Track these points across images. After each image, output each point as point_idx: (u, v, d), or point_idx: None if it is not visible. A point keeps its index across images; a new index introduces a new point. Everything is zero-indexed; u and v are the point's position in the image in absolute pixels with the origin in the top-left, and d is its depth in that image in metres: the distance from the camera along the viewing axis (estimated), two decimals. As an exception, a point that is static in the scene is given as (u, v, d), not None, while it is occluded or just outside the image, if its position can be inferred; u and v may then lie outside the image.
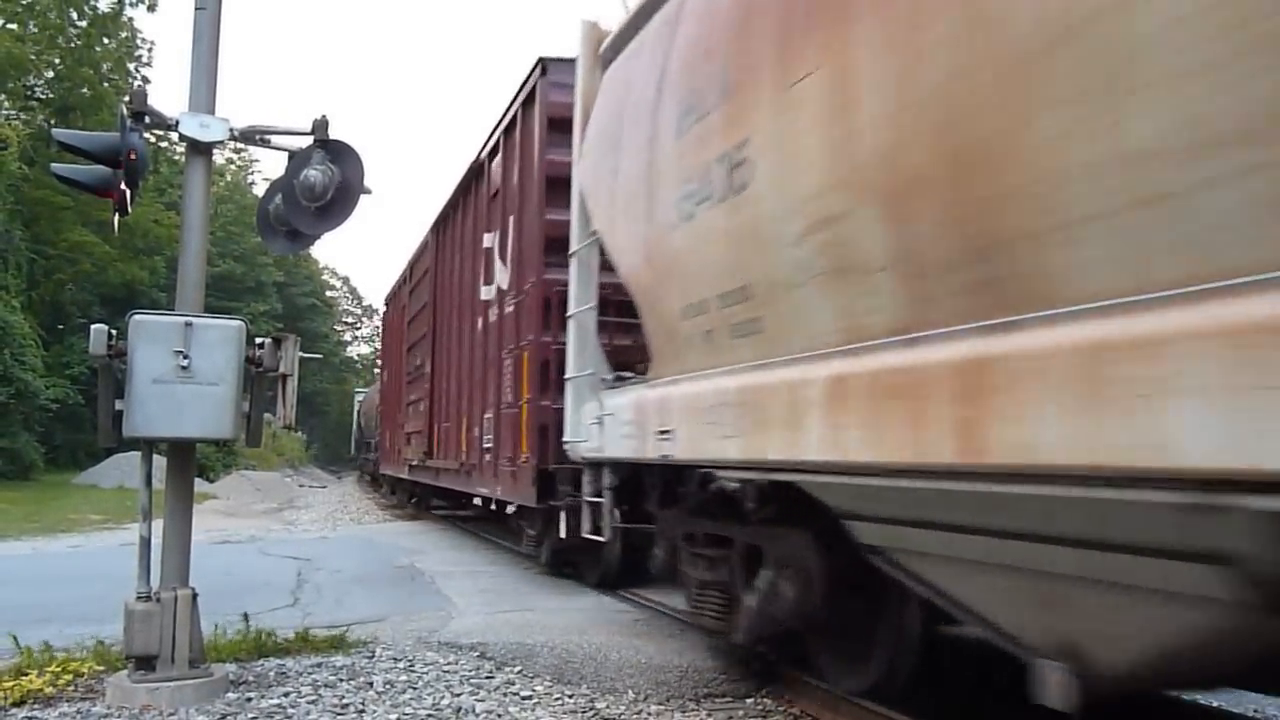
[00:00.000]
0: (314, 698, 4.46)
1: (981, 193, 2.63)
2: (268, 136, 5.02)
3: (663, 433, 4.72)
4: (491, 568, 9.49)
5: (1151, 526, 2.21)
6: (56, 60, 31.30)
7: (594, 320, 5.96)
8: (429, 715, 4.27)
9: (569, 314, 6.16)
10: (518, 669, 5.11)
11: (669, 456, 4.67)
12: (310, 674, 4.89)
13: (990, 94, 2.55)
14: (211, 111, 4.78)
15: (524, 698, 4.60)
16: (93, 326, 4.43)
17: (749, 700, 4.72)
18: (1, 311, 24.23)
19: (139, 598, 4.43)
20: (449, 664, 5.18)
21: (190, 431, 4.49)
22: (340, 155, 4.92)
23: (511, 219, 9.02)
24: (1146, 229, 2.18)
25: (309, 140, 4.93)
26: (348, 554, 10.99)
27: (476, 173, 10.87)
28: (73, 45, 31.26)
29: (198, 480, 11.72)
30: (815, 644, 4.60)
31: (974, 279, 2.72)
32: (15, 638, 5.03)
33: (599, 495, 5.65)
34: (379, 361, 14.38)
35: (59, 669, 4.67)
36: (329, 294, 72.13)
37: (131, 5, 32.54)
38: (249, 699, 4.41)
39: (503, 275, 9.21)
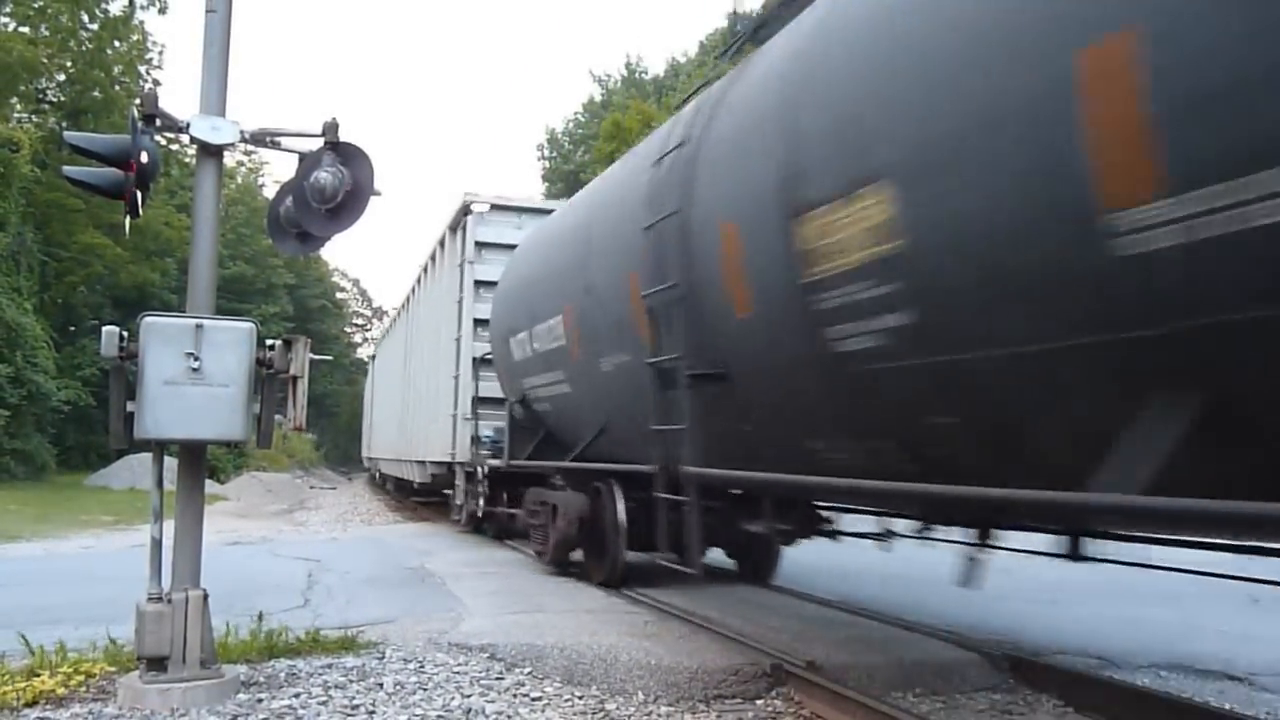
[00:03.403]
0: (324, 699, 4.47)
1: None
2: (278, 139, 5.04)
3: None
4: (502, 569, 9.49)
5: None
6: (68, 63, 31.41)
7: None
8: (439, 716, 4.28)
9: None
10: (527, 670, 5.11)
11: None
12: (321, 675, 4.90)
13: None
14: (222, 114, 4.80)
15: (534, 699, 4.60)
16: (104, 328, 4.44)
17: (759, 701, 4.71)
18: (14, 314, 24.35)
19: (150, 599, 4.45)
20: (459, 665, 5.18)
21: (201, 433, 4.50)
22: (350, 157, 4.94)
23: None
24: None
25: (319, 143, 4.95)
26: (358, 555, 11.01)
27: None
28: (84, 48, 31.35)
29: (209, 481, 11.81)
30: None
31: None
32: (25, 638, 5.05)
33: None
34: None
35: (71, 669, 4.69)
36: (339, 296, 72.36)
37: (142, 8, 32.68)
38: (260, 700, 4.42)
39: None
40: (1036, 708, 4.77)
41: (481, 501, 11.63)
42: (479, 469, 11.61)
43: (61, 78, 32.08)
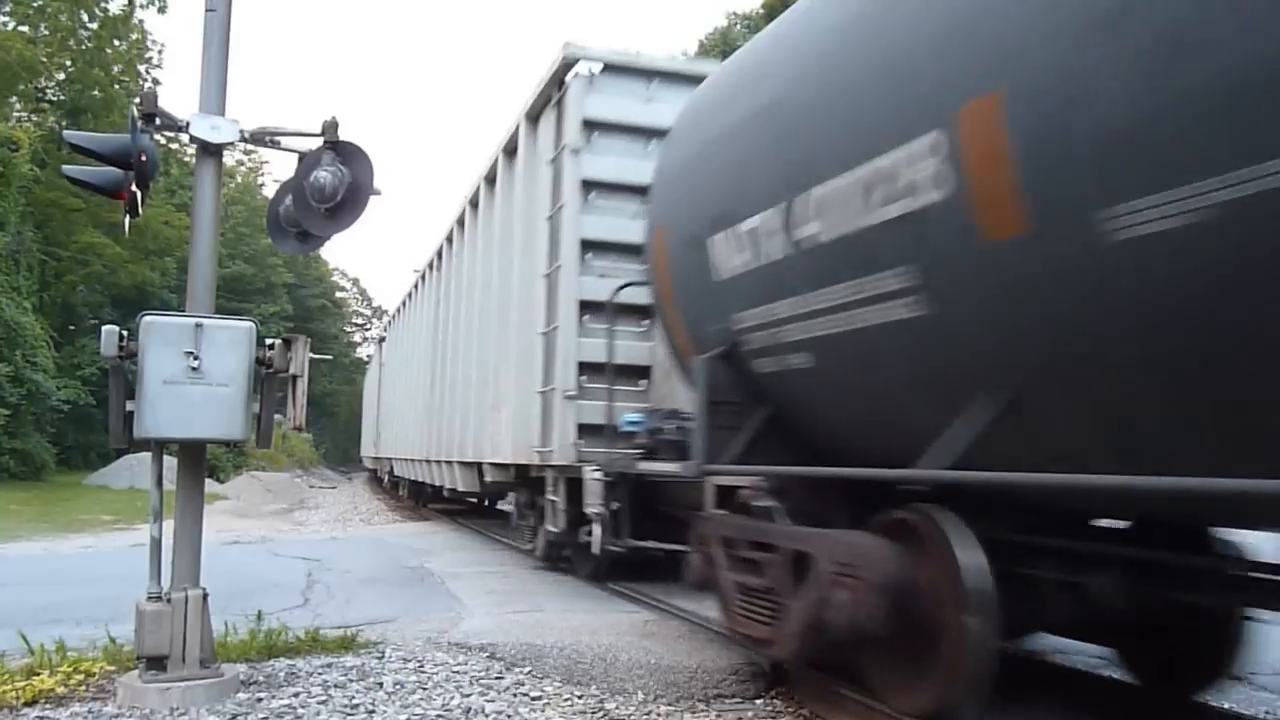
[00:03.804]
0: (324, 698, 4.47)
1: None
2: (278, 138, 5.03)
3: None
4: (501, 568, 9.49)
5: None
6: (68, 62, 31.42)
7: None
8: (439, 716, 4.28)
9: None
10: (527, 669, 5.11)
11: None
12: (320, 674, 4.90)
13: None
14: (222, 113, 4.79)
15: (533, 698, 4.60)
16: (104, 328, 4.44)
17: (758, 701, 4.71)
18: (13, 313, 24.33)
19: (150, 598, 4.44)
20: (459, 665, 5.19)
21: (201, 433, 4.50)
22: (350, 157, 4.93)
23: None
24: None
25: (319, 142, 4.94)
26: (358, 555, 11.01)
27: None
28: (84, 47, 31.37)
29: (208, 481, 11.82)
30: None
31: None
32: (25, 637, 5.05)
33: None
34: None
35: (70, 669, 4.69)
36: (339, 295, 72.29)
37: (142, 7, 32.71)
38: (259, 699, 4.42)
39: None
40: (1036, 707, 4.77)
41: (598, 530, 7.43)
42: (597, 475, 7.39)
43: (61, 77, 32.11)
